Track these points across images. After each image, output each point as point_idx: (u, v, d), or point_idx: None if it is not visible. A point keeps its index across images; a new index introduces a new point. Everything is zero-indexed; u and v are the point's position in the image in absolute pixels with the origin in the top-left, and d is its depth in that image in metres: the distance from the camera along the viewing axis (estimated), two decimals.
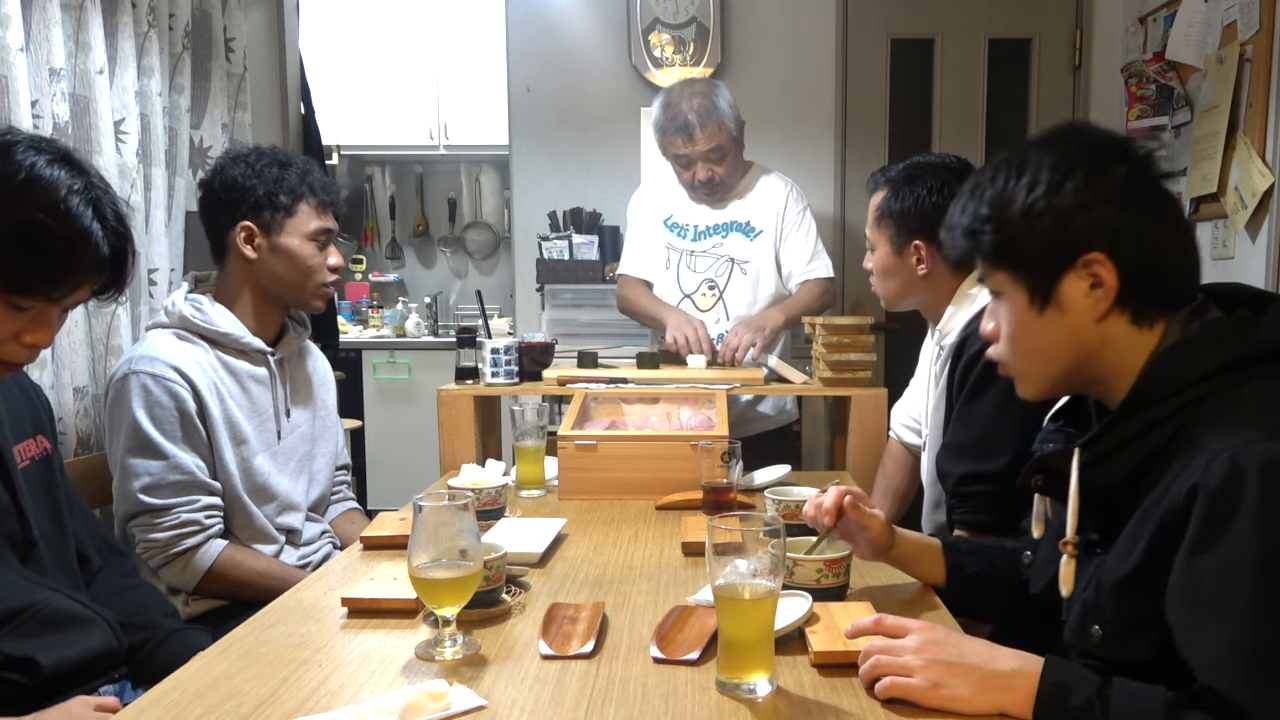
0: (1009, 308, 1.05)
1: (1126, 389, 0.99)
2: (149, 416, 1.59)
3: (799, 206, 2.57)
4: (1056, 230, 0.99)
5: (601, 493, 1.88)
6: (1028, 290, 1.02)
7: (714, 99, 2.45)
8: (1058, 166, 1.00)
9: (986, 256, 1.05)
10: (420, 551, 1.09)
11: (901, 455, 2.04)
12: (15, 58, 1.74)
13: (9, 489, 1.27)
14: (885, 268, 1.78)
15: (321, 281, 1.79)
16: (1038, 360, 1.06)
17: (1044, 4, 3.43)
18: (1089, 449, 1.00)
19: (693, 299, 2.58)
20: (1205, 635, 0.88)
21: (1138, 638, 0.96)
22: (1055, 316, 1.01)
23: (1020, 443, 1.56)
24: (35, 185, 1.12)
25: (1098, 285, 0.99)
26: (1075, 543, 1.02)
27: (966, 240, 1.07)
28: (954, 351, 1.66)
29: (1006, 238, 1.02)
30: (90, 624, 1.29)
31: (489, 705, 0.97)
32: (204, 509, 1.63)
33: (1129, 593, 0.96)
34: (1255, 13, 2.45)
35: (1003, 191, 1.02)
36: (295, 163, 1.77)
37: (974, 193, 1.06)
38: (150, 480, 1.59)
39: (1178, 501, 0.90)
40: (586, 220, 3.43)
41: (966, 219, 1.06)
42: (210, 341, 1.71)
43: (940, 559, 1.32)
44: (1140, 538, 0.95)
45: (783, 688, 1.01)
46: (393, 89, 4.61)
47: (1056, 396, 1.12)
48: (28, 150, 1.14)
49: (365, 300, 4.99)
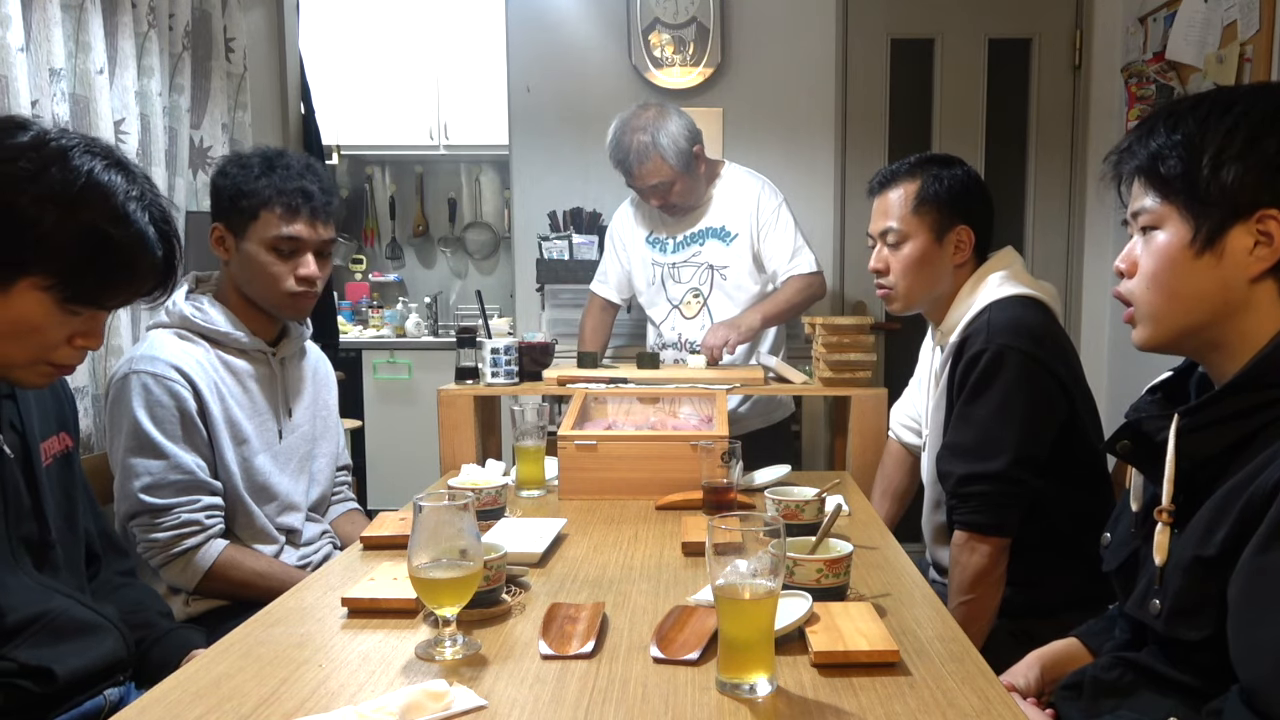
0: (1164, 243, 1.02)
1: (1244, 363, 0.98)
2: (149, 416, 1.59)
3: (773, 203, 2.56)
4: (1244, 179, 0.97)
5: (601, 493, 1.88)
6: (1193, 228, 0.99)
7: (656, 135, 2.42)
8: (1266, 119, 0.97)
9: (1162, 184, 1.02)
10: (420, 551, 1.09)
11: (901, 455, 2.04)
12: (15, 58, 1.75)
13: (33, 490, 1.27)
14: (923, 257, 1.73)
15: (286, 291, 1.71)
16: (1175, 303, 1.03)
17: (1044, 4, 3.43)
18: (1188, 418, 1.00)
19: (679, 309, 2.61)
20: (1257, 626, 0.87)
21: (1199, 617, 0.95)
22: (1211, 263, 0.99)
23: (1020, 443, 1.56)
24: (95, 191, 1.10)
25: (1263, 244, 0.97)
26: (1171, 510, 1.01)
27: (1149, 162, 1.03)
28: (955, 351, 1.66)
29: (1192, 169, 0.99)
30: (102, 631, 1.29)
31: (489, 705, 0.97)
32: (204, 509, 1.63)
33: (1200, 573, 0.95)
34: (1255, 13, 2.45)
35: (1204, 123, 0.99)
36: (280, 167, 1.70)
37: (1169, 118, 1.02)
38: (151, 480, 1.59)
39: (1265, 489, 0.89)
40: (586, 220, 3.43)
41: (1156, 141, 1.02)
42: (211, 341, 1.71)
43: (1086, 652, 1.27)
44: (1223, 521, 0.94)
45: (783, 688, 1.01)
46: (393, 89, 4.61)
47: (1168, 351, 1.08)
48: (84, 154, 1.11)
49: (365, 300, 4.99)
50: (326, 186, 1.76)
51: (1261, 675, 0.86)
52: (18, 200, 1.05)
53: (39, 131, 1.10)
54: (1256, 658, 0.87)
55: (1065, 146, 3.44)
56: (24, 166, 1.06)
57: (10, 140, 1.08)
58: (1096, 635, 1.26)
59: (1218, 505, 0.95)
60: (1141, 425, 1.05)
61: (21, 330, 1.11)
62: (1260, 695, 0.85)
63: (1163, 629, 1.00)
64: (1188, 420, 1.00)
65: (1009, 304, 1.64)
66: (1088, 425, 1.63)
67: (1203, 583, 0.95)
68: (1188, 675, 1.00)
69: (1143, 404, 1.13)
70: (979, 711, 0.95)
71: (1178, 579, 0.98)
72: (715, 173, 2.61)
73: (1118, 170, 1.08)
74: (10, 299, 1.08)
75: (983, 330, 1.61)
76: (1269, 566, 0.87)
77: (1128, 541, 1.12)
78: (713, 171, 2.60)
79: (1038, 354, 1.57)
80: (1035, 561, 1.62)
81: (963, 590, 1.60)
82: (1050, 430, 1.58)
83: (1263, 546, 0.88)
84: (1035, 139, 3.46)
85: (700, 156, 2.51)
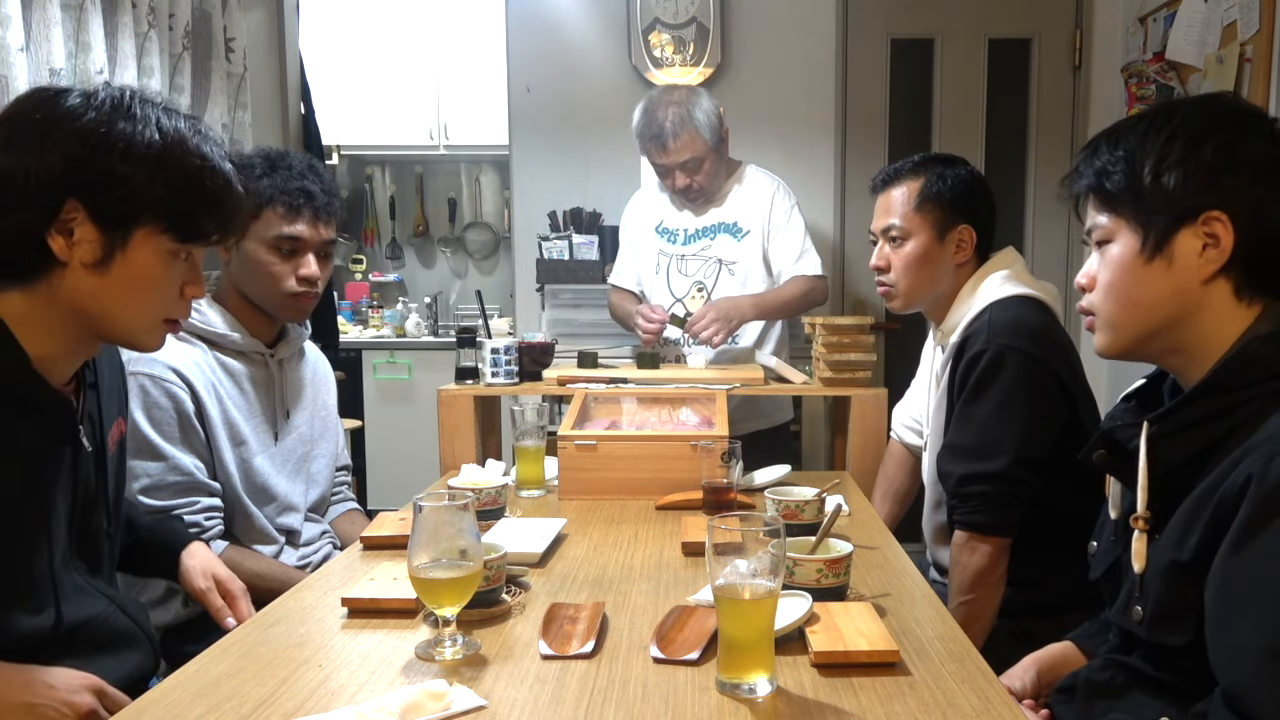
0: (1116, 254, 1.05)
1: (1208, 366, 1.00)
2: (147, 418, 1.59)
3: (786, 204, 2.57)
4: (1185, 184, 0.99)
5: (601, 493, 1.88)
6: (1141, 236, 1.02)
7: (690, 109, 2.42)
8: (1203, 126, 1.01)
9: (1109, 198, 1.05)
10: (420, 551, 1.09)
11: (902, 456, 2.04)
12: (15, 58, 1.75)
13: (102, 480, 1.28)
14: (925, 255, 1.74)
15: (287, 291, 1.71)
16: (1132, 310, 1.06)
17: (1044, 4, 3.43)
18: (1158, 424, 1.01)
19: (683, 302, 2.60)
20: (1232, 629, 0.88)
21: (1180, 622, 0.96)
22: (1162, 268, 1.02)
23: (1021, 443, 1.56)
24: (172, 137, 1.14)
25: (1211, 245, 0.99)
26: (1147, 517, 1.02)
27: (1095, 180, 1.06)
28: (955, 351, 1.66)
29: (1134, 180, 1.02)
30: (135, 642, 1.28)
31: (489, 705, 0.97)
32: (203, 510, 1.63)
33: (1177, 578, 0.96)
34: (1255, 13, 2.45)
35: (1143, 138, 1.03)
36: (282, 167, 1.70)
37: (1110, 137, 1.07)
38: (150, 481, 1.59)
39: (1233, 491, 0.90)
40: (586, 220, 3.43)
41: (1101, 160, 1.06)
42: (208, 343, 1.70)
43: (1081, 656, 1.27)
44: (1195, 524, 0.95)
45: (783, 688, 1.01)
46: (393, 89, 4.61)
47: (1131, 358, 1.11)
48: (141, 104, 1.14)
49: (365, 300, 4.99)
50: (328, 187, 1.76)
51: (1240, 679, 0.86)
52: (109, 161, 1.09)
53: (82, 91, 1.13)
54: (1234, 661, 0.87)
55: (1065, 146, 3.44)
56: (92, 119, 1.09)
57: (68, 101, 1.10)
58: (1091, 638, 1.27)
59: (1191, 509, 0.96)
60: (1115, 434, 1.07)
61: (144, 284, 1.15)
62: (1242, 698, 0.85)
63: (1147, 635, 1.00)
64: (1158, 427, 1.01)
65: (1010, 304, 1.64)
66: (1088, 426, 1.63)
67: (1181, 588, 0.96)
68: (1176, 678, 1.01)
69: (1117, 412, 1.14)
70: (979, 711, 0.95)
71: (1157, 585, 0.99)
72: (735, 170, 2.61)
73: (1071, 193, 1.11)
74: (129, 253, 1.12)
75: (983, 330, 1.61)
76: (1240, 568, 0.88)
77: (1111, 549, 1.13)
78: (732, 168, 2.61)
79: (1038, 354, 1.57)
80: (1036, 562, 1.62)
81: (963, 590, 1.60)
82: (1051, 430, 1.58)
83: (1234, 548, 0.89)
84: (1035, 139, 3.46)
85: (726, 140, 2.53)
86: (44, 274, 1.10)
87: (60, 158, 1.07)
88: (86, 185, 1.08)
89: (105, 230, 1.10)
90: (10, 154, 1.07)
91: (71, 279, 1.11)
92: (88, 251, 1.10)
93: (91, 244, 1.10)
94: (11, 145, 1.08)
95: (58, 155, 1.07)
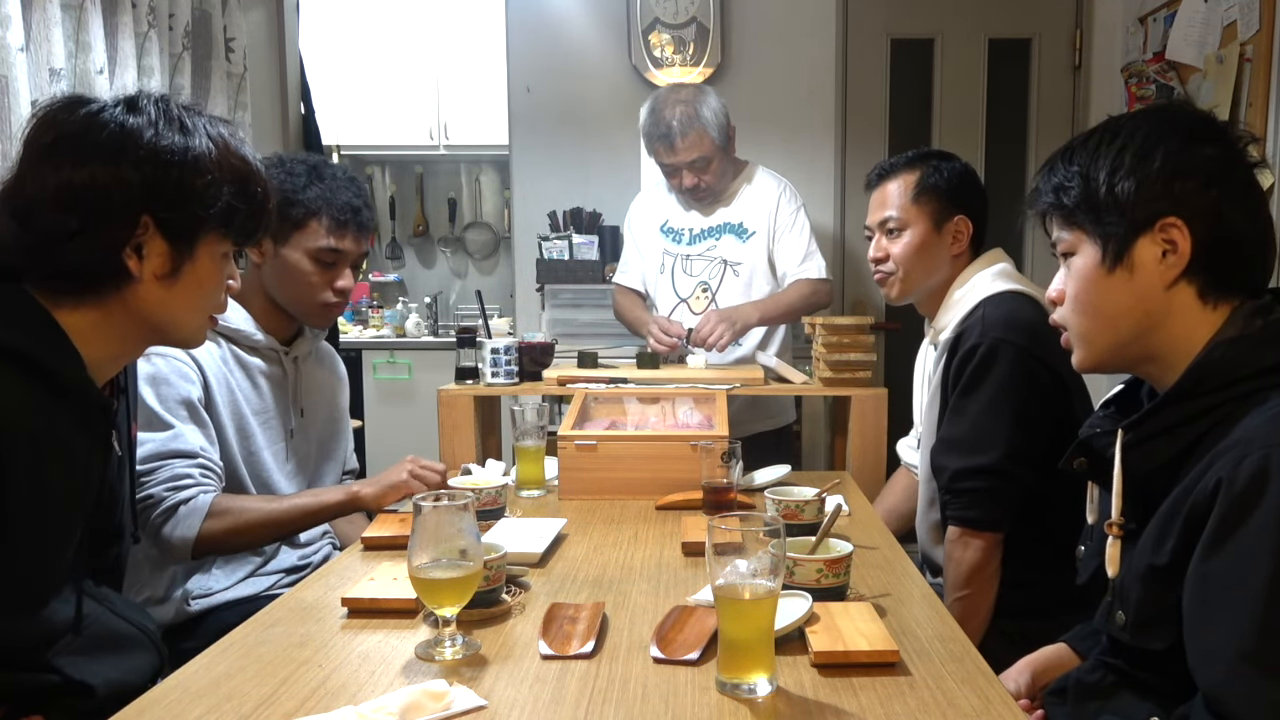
0: (1080, 266, 1.07)
1: (1180, 372, 1.00)
2: (155, 395, 1.57)
3: (792, 206, 2.56)
4: (1139, 193, 1.01)
5: (601, 493, 1.88)
6: (1101, 248, 1.04)
7: (698, 107, 2.42)
8: (1151, 135, 1.02)
9: (1067, 213, 1.07)
10: (420, 552, 1.09)
11: (908, 486, 2.01)
12: (15, 58, 1.75)
13: (121, 483, 1.29)
14: (922, 245, 1.75)
15: (321, 301, 1.75)
16: (1100, 321, 1.07)
17: (1044, 4, 3.43)
18: (1132, 431, 1.01)
19: (687, 302, 2.60)
20: (1207, 632, 0.88)
21: (1161, 627, 0.96)
22: (1124, 277, 1.03)
23: (1013, 438, 1.56)
24: (221, 145, 1.18)
25: (1170, 252, 1.00)
26: (1120, 524, 1.03)
27: (1054, 196, 1.08)
28: (949, 347, 1.67)
29: (1089, 194, 1.04)
30: (141, 643, 1.28)
31: (489, 705, 0.97)
32: (200, 467, 1.58)
33: (1155, 583, 0.97)
34: (1255, 13, 2.45)
35: (1095, 152, 1.04)
36: (329, 178, 1.72)
37: (1065, 154, 1.08)
38: (153, 448, 1.55)
39: (1205, 495, 0.91)
40: (586, 220, 3.43)
41: (1057, 177, 1.08)
42: (224, 337, 1.70)
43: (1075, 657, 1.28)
44: (1171, 529, 0.95)
45: (783, 688, 1.01)
46: (393, 89, 4.61)
47: (1110, 370, 1.12)
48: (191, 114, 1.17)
49: (365, 300, 4.98)
50: (368, 201, 1.81)
51: (1217, 681, 0.87)
52: (181, 176, 1.12)
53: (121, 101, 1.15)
54: (1210, 664, 0.88)
55: None
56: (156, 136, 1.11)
57: (126, 118, 1.12)
58: (1085, 640, 1.27)
59: (1167, 514, 0.97)
60: (1092, 442, 1.08)
61: (207, 289, 1.20)
62: (1220, 700, 0.86)
63: (1130, 640, 1.01)
64: (1132, 434, 1.02)
65: (1003, 299, 1.65)
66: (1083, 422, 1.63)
67: (1160, 592, 0.96)
68: (1164, 680, 1.01)
69: (1095, 419, 1.14)
70: (979, 711, 0.95)
71: (1137, 590, 0.99)
72: (743, 170, 2.61)
73: (1036, 211, 1.13)
74: (196, 262, 1.17)
75: (977, 325, 1.62)
76: (1213, 572, 0.88)
77: (1096, 554, 1.13)
78: (740, 167, 2.60)
79: (1032, 348, 1.57)
80: (1031, 561, 1.62)
81: (957, 586, 1.60)
82: (1045, 425, 1.57)
83: (1206, 552, 0.89)
84: (1035, 139, 3.46)
85: (733, 139, 2.52)
86: (116, 289, 1.13)
87: (137, 175, 1.10)
88: (163, 201, 1.12)
89: (174, 242, 1.14)
90: (85, 172, 1.09)
91: (143, 291, 1.14)
92: (159, 264, 1.14)
93: (162, 257, 1.14)
94: (85, 164, 1.09)
95: (134, 173, 1.10)
